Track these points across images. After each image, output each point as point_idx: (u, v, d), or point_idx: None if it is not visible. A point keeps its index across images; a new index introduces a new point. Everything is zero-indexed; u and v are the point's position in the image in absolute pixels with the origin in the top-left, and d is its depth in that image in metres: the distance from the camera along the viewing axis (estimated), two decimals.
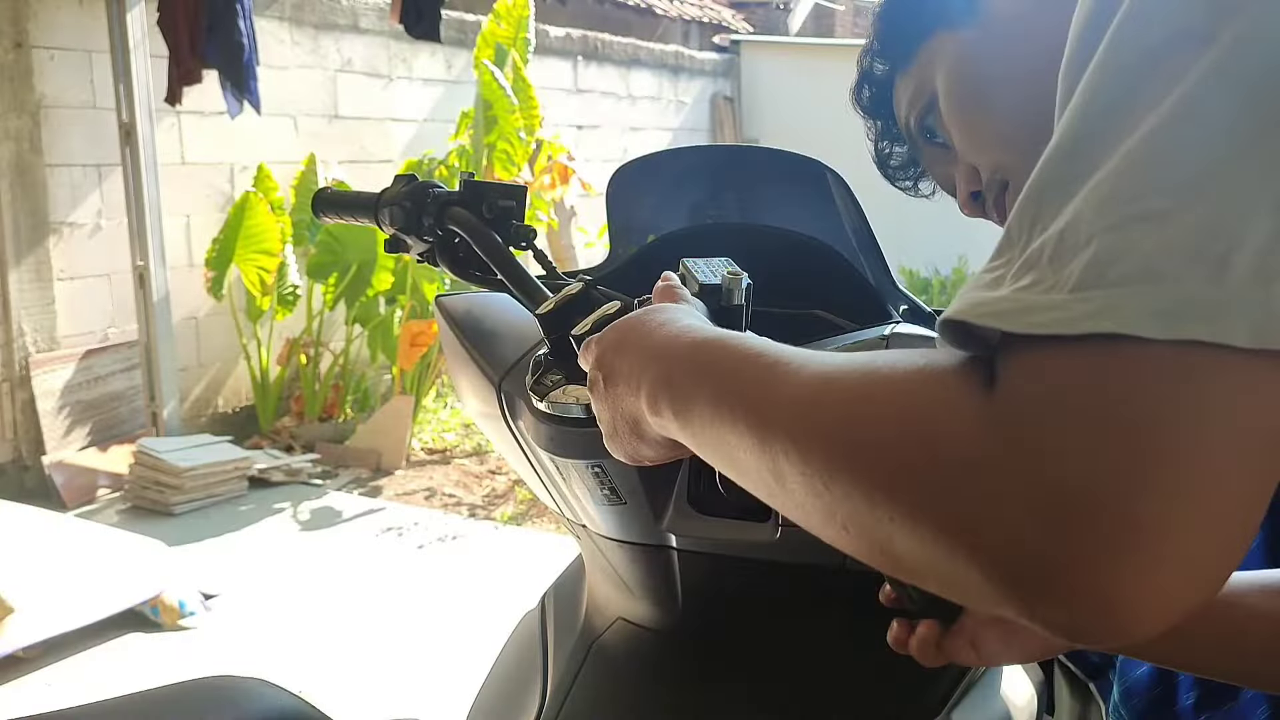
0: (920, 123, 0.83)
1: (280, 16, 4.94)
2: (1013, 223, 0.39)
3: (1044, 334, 0.35)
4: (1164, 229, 0.34)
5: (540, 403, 0.87)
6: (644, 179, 1.16)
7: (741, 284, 0.72)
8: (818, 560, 0.87)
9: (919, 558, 0.38)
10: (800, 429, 0.43)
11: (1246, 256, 0.33)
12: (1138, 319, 0.33)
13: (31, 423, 4.12)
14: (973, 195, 0.82)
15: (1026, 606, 0.36)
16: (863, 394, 0.41)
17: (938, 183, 0.88)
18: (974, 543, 0.36)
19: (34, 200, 4.10)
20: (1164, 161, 0.35)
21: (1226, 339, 0.33)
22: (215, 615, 3.05)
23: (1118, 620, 0.35)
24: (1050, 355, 0.35)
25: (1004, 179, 0.78)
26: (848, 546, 0.42)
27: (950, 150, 0.82)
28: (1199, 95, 0.35)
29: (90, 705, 0.87)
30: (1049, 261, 0.36)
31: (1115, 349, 0.34)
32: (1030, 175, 0.40)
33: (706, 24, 8.52)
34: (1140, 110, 0.36)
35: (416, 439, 4.81)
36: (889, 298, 1.09)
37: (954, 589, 0.39)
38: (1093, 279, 0.35)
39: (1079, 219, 0.36)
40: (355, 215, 1.07)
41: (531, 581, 2.06)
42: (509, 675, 1.08)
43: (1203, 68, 0.35)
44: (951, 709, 0.91)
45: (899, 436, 0.38)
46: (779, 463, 0.44)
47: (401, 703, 2.56)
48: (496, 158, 4.78)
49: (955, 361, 0.38)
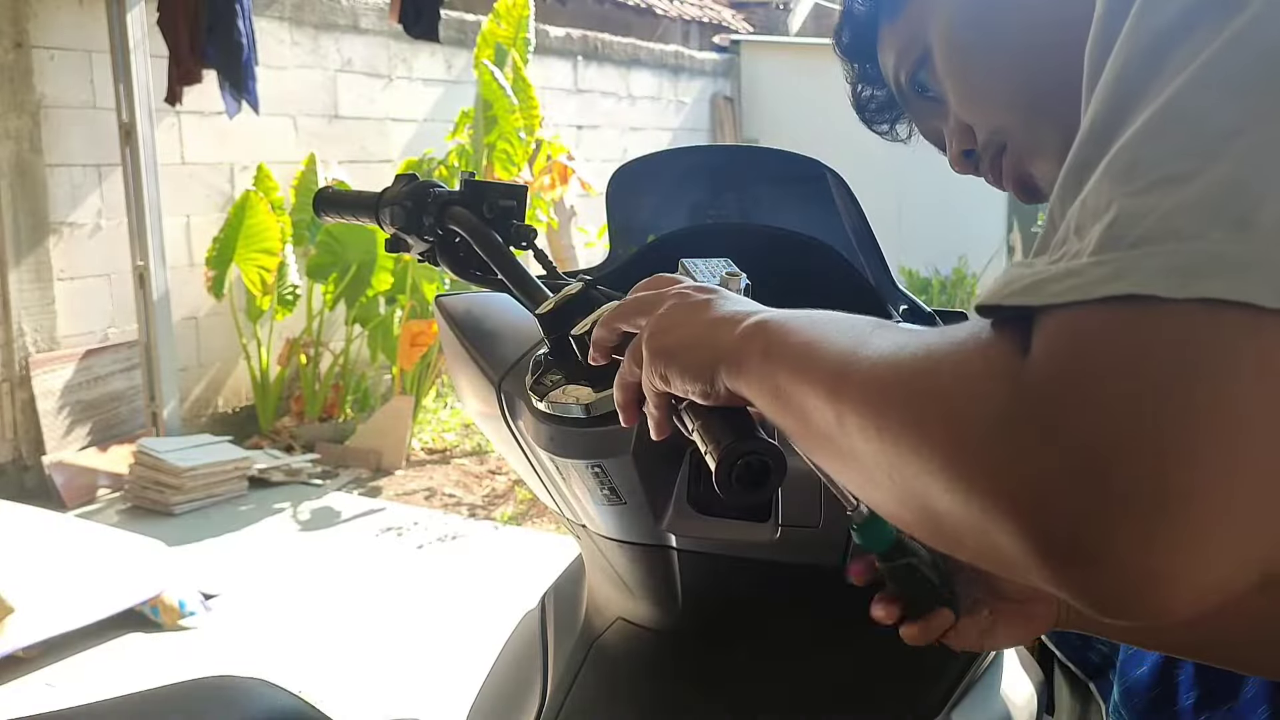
0: (912, 77, 0.80)
1: (280, 16, 4.94)
2: (1054, 205, 0.40)
3: (1063, 302, 0.35)
4: (1184, 189, 0.34)
5: (540, 403, 0.87)
6: (644, 179, 1.16)
7: (740, 284, 0.72)
8: (818, 560, 0.87)
9: (957, 517, 0.39)
10: (868, 385, 0.44)
11: (1268, 214, 0.33)
12: (1155, 279, 0.33)
13: (31, 423, 4.12)
14: (965, 153, 0.79)
15: (1052, 568, 0.36)
16: (923, 354, 0.42)
17: (925, 136, 0.86)
18: (1006, 501, 0.36)
19: (34, 200, 4.10)
20: (1185, 125, 0.35)
21: (1248, 297, 0.32)
22: (215, 615, 3.05)
23: (1147, 591, 0.34)
24: (1072, 320, 0.35)
25: (1001, 141, 0.75)
26: (894, 503, 0.43)
27: (942, 104, 0.80)
28: (1221, 60, 0.35)
29: (90, 705, 0.87)
30: (1075, 231, 0.37)
31: (1135, 310, 0.34)
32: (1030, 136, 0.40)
33: (706, 24, 8.52)
34: (1165, 79, 0.37)
35: (416, 439, 4.81)
36: (889, 298, 1.09)
37: (988, 553, 0.39)
38: (1112, 242, 0.35)
39: (1101, 185, 0.36)
40: (356, 215, 1.07)
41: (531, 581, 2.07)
42: (509, 675, 1.08)
43: (1225, 35, 0.36)
44: (951, 709, 0.91)
45: (942, 391, 0.39)
46: (844, 414, 0.45)
47: (401, 703, 2.55)
48: (496, 158, 4.78)
49: (999, 329, 0.39)
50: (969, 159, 0.79)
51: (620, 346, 0.67)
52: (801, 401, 0.49)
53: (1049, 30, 0.69)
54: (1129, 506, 0.33)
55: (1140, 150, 0.36)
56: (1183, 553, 0.33)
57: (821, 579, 0.88)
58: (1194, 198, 0.34)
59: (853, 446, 0.45)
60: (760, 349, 0.54)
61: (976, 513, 0.37)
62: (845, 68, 0.88)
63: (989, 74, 0.74)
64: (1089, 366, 0.34)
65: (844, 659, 0.91)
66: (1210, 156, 0.34)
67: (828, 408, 0.46)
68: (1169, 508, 0.33)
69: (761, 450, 0.57)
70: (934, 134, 0.84)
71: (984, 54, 0.74)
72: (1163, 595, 0.34)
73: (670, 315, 0.61)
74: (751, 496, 0.58)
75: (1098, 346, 0.34)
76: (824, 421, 0.47)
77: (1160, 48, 0.38)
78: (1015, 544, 0.36)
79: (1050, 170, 0.72)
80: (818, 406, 0.47)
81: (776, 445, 0.57)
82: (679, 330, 0.60)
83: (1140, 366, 0.33)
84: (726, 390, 0.56)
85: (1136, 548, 0.33)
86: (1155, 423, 0.33)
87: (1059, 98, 0.63)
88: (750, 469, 0.57)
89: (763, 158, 1.34)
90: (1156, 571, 0.34)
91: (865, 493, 0.47)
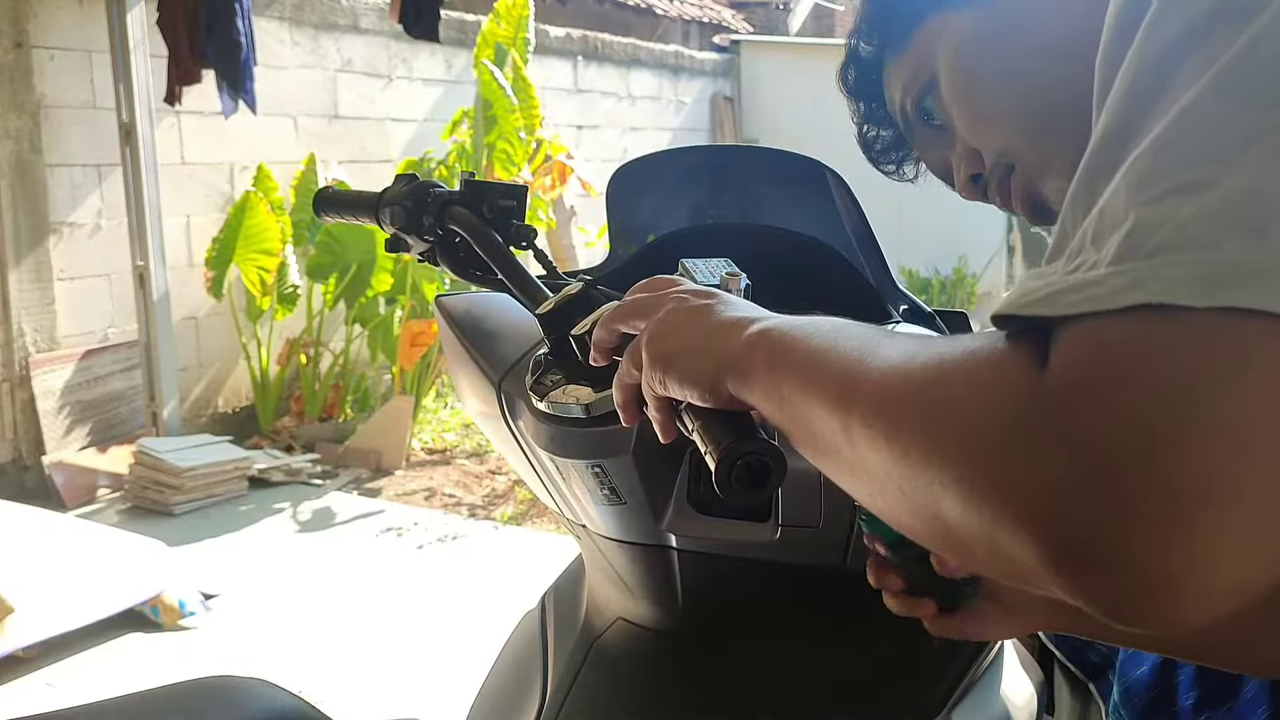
0: (918, 105, 0.81)
1: (280, 16, 4.94)
2: (1066, 213, 0.40)
3: (1081, 312, 0.35)
4: (1202, 198, 0.34)
5: (540, 403, 0.87)
6: (644, 179, 1.16)
7: (740, 284, 0.73)
8: (818, 560, 0.87)
9: (969, 527, 0.39)
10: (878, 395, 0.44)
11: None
12: (1174, 287, 0.33)
13: (31, 423, 4.12)
14: (973, 178, 0.80)
15: (1070, 579, 0.36)
16: (934, 363, 0.42)
17: (931, 167, 0.86)
18: (1019, 510, 0.36)
19: (34, 200, 4.10)
20: (1202, 133, 0.35)
21: (1267, 305, 0.32)
22: (215, 615, 3.05)
23: (1163, 598, 0.34)
24: (1092, 331, 0.35)
25: (1009, 162, 0.76)
26: (904, 513, 0.43)
27: (947, 133, 0.80)
28: (1235, 68, 0.35)
29: (90, 705, 0.87)
30: (1091, 241, 0.37)
31: (1153, 319, 0.34)
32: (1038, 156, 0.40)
33: (706, 24, 8.52)
34: (1179, 87, 0.36)
35: (416, 439, 4.81)
36: (889, 298, 1.09)
37: (1001, 562, 0.38)
38: (1130, 251, 0.35)
39: (1117, 195, 0.36)
40: (356, 215, 1.07)
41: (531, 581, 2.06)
42: (509, 675, 1.08)
43: (1240, 43, 0.36)
44: (951, 709, 0.91)
45: (954, 402, 0.39)
46: (851, 425, 0.45)
47: (401, 703, 2.55)
48: (496, 158, 4.78)
49: (1014, 340, 0.39)
50: (977, 184, 0.80)
51: (620, 347, 0.67)
52: (807, 411, 0.49)
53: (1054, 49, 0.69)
54: (1148, 514, 0.33)
55: (1156, 159, 0.36)
56: (1203, 560, 0.33)
57: (821, 579, 0.88)
58: (1212, 206, 0.34)
59: (861, 457, 0.45)
60: (765, 357, 0.54)
61: (989, 523, 0.37)
62: (851, 107, 0.89)
63: (995, 95, 0.75)
64: (1109, 375, 0.34)
65: (844, 659, 0.91)
66: (1227, 164, 0.34)
67: (834, 418, 0.46)
68: (1189, 515, 0.33)
69: (761, 450, 0.57)
70: (941, 165, 0.84)
71: (990, 75, 0.75)
72: (1180, 603, 0.34)
73: (669, 320, 0.61)
74: (751, 496, 0.58)
75: (1118, 356, 0.34)
76: (831, 431, 0.47)
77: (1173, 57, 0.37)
78: (1029, 553, 0.36)
79: (1060, 188, 0.72)
80: (824, 416, 0.47)
81: (776, 445, 0.57)
82: (678, 336, 0.60)
83: (1161, 375, 0.33)
84: (729, 395, 0.57)
85: (1155, 555, 0.33)
86: (1176, 431, 0.33)
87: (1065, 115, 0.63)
88: (750, 469, 0.57)
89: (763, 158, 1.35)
90: (1175, 578, 0.33)
91: (874, 503, 0.46)
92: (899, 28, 0.80)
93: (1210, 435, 0.33)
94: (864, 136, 0.89)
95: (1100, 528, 0.34)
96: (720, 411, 0.58)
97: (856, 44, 0.85)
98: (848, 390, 0.46)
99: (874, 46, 0.83)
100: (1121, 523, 0.33)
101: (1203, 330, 0.33)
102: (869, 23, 0.83)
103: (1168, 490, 0.33)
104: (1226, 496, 0.33)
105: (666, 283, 0.68)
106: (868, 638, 0.91)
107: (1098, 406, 0.34)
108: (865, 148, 0.90)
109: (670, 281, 0.68)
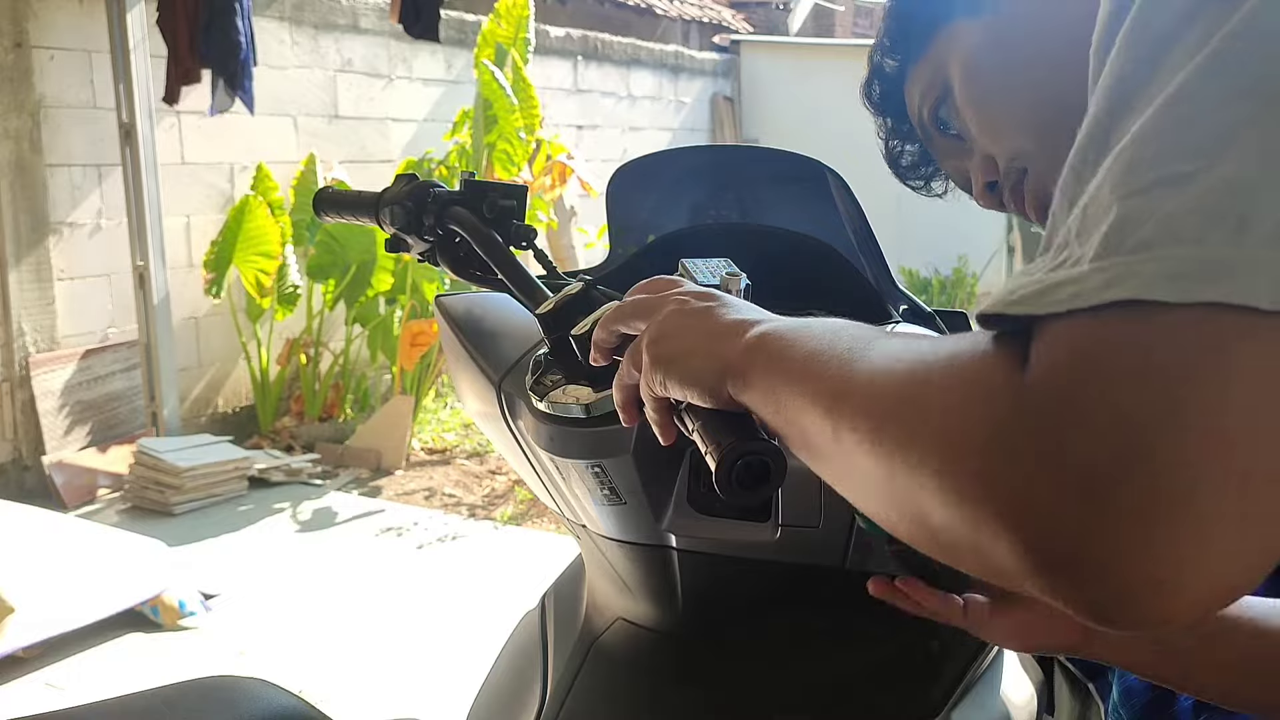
0: (934, 114, 0.81)
1: (280, 16, 4.94)
2: (1056, 203, 0.40)
3: (1063, 310, 0.35)
4: (1184, 191, 0.34)
5: (540, 403, 0.87)
6: (644, 179, 1.16)
7: (740, 284, 0.73)
8: (818, 560, 0.87)
9: (954, 530, 0.38)
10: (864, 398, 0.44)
11: (1268, 215, 0.33)
12: (1154, 284, 0.33)
13: (31, 423, 4.12)
14: (989, 186, 0.80)
15: (1052, 581, 0.35)
16: (919, 366, 0.41)
17: (950, 176, 0.87)
18: (1000, 513, 0.36)
19: (34, 200, 4.10)
20: (1185, 125, 0.35)
21: (1247, 300, 0.32)
22: (215, 615, 3.05)
23: (1142, 599, 0.34)
24: (1071, 329, 0.35)
25: (1022, 166, 0.76)
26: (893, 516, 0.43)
27: (964, 142, 0.81)
28: (1219, 57, 0.35)
29: (90, 705, 0.87)
30: (1076, 235, 0.36)
31: (1135, 316, 0.33)
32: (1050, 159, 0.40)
33: (706, 24, 8.52)
34: (1164, 78, 0.36)
35: (416, 439, 4.81)
36: (889, 298, 1.09)
37: (986, 564, 0.38)
38: (1112, 247, 0.34)
39: (1102, 188, 0.36)
40: (356, 215, 1.07)
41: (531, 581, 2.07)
42: (509, 675, 1.08)
43: (1224, 31, 0.35)
44: (951, 709, 0.91)
45: (935, 404, 0.39)
46: (840, 428, 0.45)
47: (401, 703, 2.56)
48: (496, 158, 4.78)
49: (997, 341, 0.39)
50: (993, 192, 0.80)
51: (620, 348, 0.67)
52: (800, 415, 0.49)
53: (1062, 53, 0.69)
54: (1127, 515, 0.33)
55: (1140, 151, 0.36)
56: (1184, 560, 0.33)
57: (821, 579, 0.88)
58: (1194, 200, 0.33)
59: (850, 460, 0.45)
60: (762, 362, 0.54)
61: (972, 525, 0.37)
62: (877, 123, 0.89)
63: (1006, 99, 0.75)
64: (1089, 376, 0.34)
65: (844, 659, 0.91)
66: (1210, 156, 0.34)
67: (826, 421, 0.46)
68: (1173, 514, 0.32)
69: (761, 450, 0.57)
70: (960, 174, 0.84)
71: (1000, 79, 0.75)
72: (1161, 603, 0.34)
73: (669, 321, 0.61)
74: (751, 496, 0.58)
75: (1097, 355, 0.34)
76: (822, 435, 0.47)
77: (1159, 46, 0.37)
78: (1011, 555, 0.36)
79: None
80: (816, 420, 0.47)
81: (776, 445, 0.57)
82: (678, 338, 0.60)
83: (1140, 372, 0.33)
84: (729, 398, 0.57)
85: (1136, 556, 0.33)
86: (1157, 428, 0.32)
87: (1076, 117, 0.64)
88: (750, 469, 0.57)
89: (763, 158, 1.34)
90: (1156, 579, 0.33)
91: (864, 505, 0.46)
92: (918, 35, 0.81)
93: (1191, 435, 0.32)
94: (890, 152, 0.89)
95: (1080, 530, 0.34)
96: (720, 411, 0.58)
97: (880, 58, 0.85)
98: (837, 394, 0.46)
99: (897, 61, 0.84)
100: (1101, 525, 0.33)
101: (1181, 327, 0.32)
102: (891, 35, 0.84)
103: (1148, 492, 0.32)
104: (1207, 497, 0.32)
105: (667, 283, 0.68)
106: (867, 638, 0.91)
107: (1077, 408, 0.34)
108: (892, 163, 0.90)
109: (670, 282, 0.68)
